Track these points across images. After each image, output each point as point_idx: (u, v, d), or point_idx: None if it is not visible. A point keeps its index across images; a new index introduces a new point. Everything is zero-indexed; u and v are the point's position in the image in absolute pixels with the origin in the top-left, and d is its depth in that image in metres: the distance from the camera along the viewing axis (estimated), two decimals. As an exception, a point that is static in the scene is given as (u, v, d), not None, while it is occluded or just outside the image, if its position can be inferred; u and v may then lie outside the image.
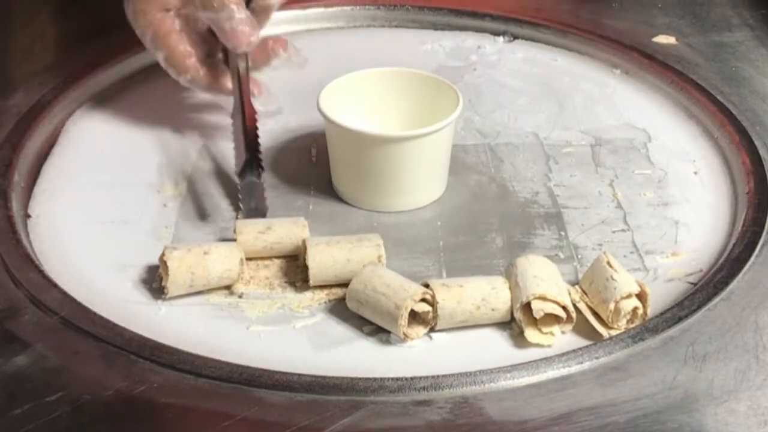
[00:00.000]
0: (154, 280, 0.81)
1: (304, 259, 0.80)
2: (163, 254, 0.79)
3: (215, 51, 0.96)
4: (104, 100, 1.03)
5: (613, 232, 0.87)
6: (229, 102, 0.94)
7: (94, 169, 0.94)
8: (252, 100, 0.93)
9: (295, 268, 0.82)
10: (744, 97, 1.01)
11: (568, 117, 1.02)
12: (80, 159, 0.95)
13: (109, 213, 0.89)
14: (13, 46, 1.14)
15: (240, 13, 0.90)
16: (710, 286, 0.79)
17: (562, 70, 1.09)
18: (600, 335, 0.76)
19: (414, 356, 0.75)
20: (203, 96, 1.00)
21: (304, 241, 0.81)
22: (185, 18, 0.93)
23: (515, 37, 1.14)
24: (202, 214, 0.89)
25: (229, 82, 0.95)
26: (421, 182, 0.89)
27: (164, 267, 0.79)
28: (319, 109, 0.88)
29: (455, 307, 0.76)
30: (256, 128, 0.92)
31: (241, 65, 0.92)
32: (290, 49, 0.97)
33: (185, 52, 0.94)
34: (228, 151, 0.93)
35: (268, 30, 0.97)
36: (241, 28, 0.90)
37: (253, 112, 0.92)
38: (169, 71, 0.95)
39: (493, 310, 0.77)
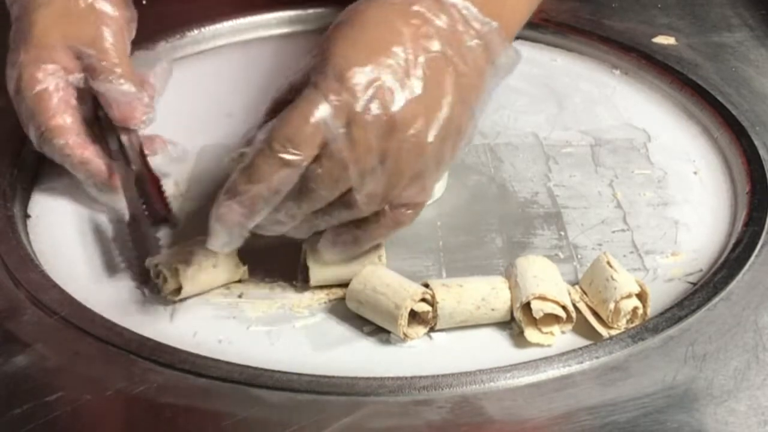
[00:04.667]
0: (151, 278, 0.80)
1: (305, 259, 0.80)
2: (173, 267, 0.78)
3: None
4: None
5: (613, 232, 0.87)
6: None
7: (94, 169, 0.94)
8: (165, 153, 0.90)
9: (295, 268, 0.82)
10: (744, 97, 1.01)
11: (567, 117, 1.02)
12: (80, 159, 0.95)
13: (109, 213, 0.89)
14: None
15: (140, 93, 0.86)
16: (710, 286, 0.79)
17: (562, 70, 1.09)
18: (600, 335, 0.76)
19: (414, 356, 0.75)
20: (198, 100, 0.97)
21: (304, 242, 0.81)
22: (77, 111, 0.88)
23: (515, 37, 1.14)
24: (202, 214, 0.89)
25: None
26: (421, 182, 0.89)
27: (172, 273, 0.78)
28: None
29: (455, 307, 0.76)
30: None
31: (135, 140, 0.87)
32: (168, 145, 0.91)
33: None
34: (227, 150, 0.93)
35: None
36: (137, 102, 0.86)
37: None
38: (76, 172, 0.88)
39: (493, 310, 0.77)
